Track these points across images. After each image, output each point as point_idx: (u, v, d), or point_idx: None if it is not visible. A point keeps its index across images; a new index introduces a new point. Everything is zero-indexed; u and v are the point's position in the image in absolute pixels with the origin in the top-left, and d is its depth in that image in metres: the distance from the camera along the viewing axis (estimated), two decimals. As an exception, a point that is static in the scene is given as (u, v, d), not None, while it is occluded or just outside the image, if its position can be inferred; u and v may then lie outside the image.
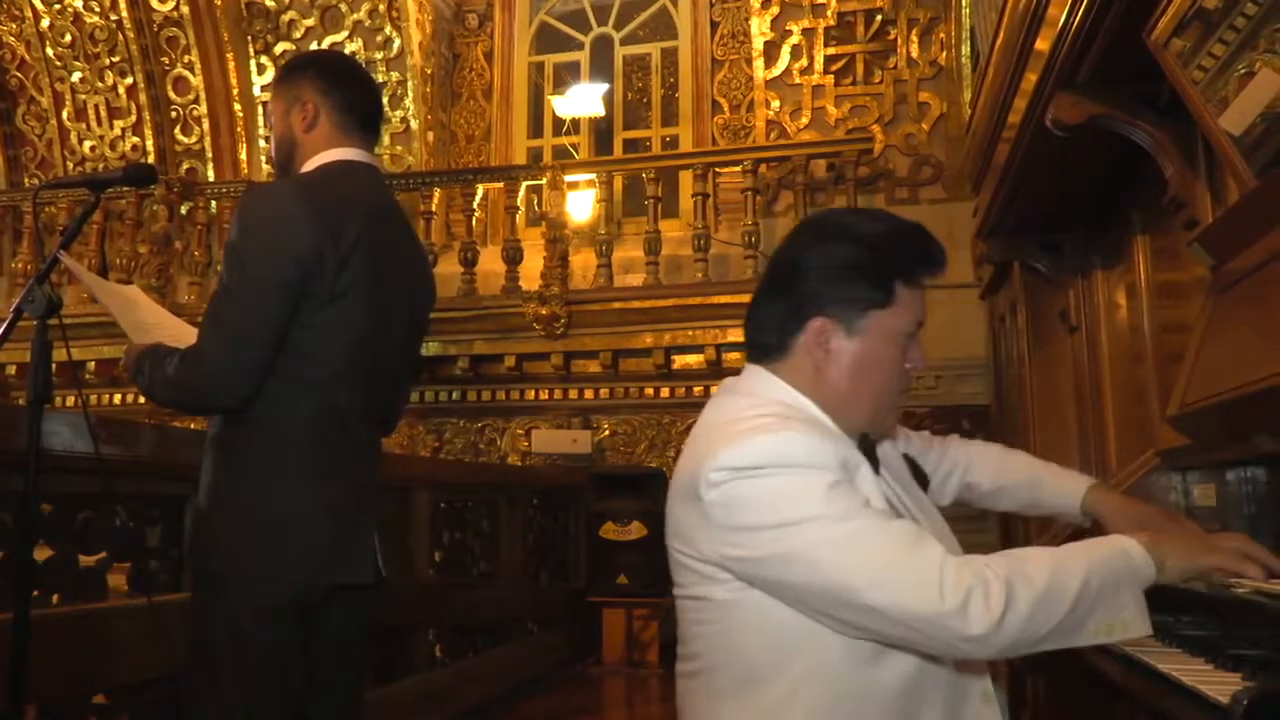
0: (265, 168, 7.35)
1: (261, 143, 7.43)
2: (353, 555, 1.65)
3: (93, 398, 6.75)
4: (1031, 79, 2.61)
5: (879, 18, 6.60)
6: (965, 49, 5.65)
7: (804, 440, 1.15)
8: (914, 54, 6.51)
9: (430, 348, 6.17)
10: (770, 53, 6.77)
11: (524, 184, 6.55)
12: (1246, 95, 1.60)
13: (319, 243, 1.60)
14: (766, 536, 1.12)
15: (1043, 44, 2.46)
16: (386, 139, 7.21)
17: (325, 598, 1.64)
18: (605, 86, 7.13)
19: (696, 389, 6.19)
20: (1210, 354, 1.65)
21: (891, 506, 1.23)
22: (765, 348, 1.32)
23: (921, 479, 1.44)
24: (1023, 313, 4.01)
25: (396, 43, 7.18)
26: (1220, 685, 0.97)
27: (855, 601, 1.07)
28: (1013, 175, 3.14)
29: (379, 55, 7.21)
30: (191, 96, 7.42)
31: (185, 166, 7.48)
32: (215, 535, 1.61)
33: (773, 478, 1.13)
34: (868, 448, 1.28)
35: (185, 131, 7.50)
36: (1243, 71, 1.60)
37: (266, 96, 7.40)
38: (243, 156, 7.45)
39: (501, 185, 6.61)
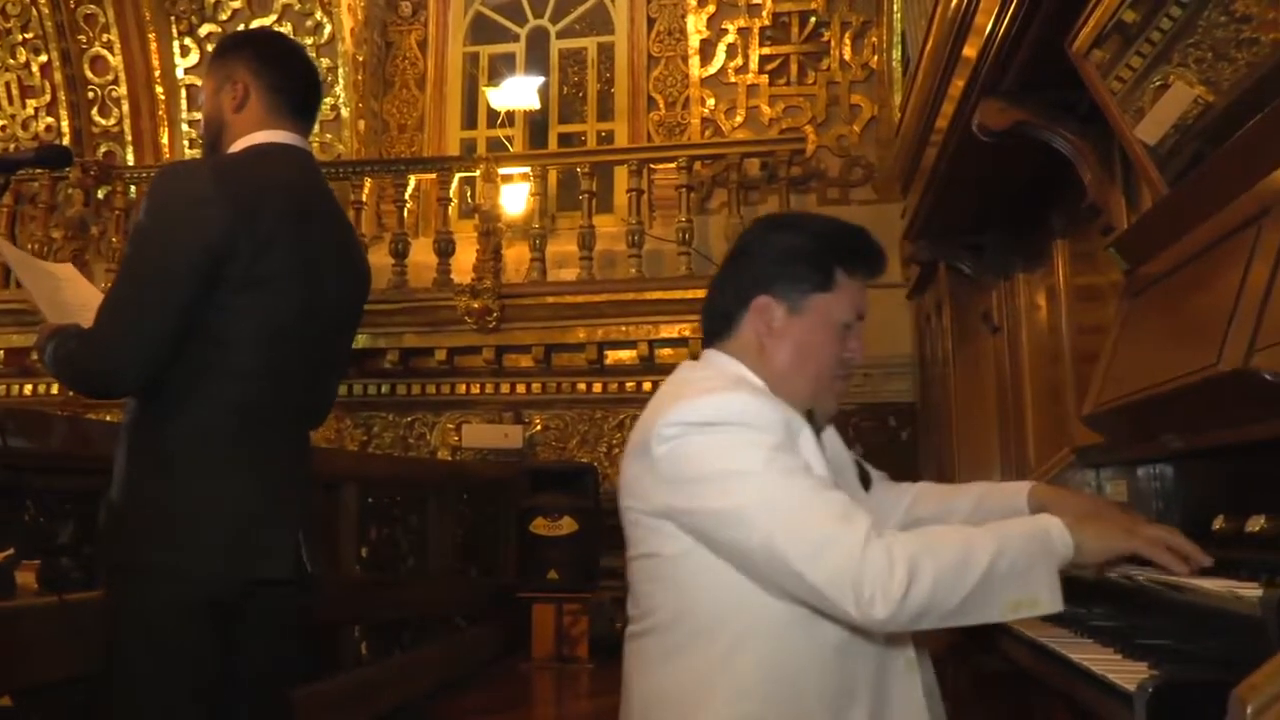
0: (189, 152, 7.13)
1: (184, 126, 7.21)
2: (272, 550, 1.61)
3: (1, 388, 6.49)
4: (959, 85, 2.67)
5: (813, 19, 6.68)
6: (896, 53, 5.76)
7: (753, 401, 1.22)
8: (847, 57, 6.61)
9: (359, 340, 6.00)
10: (706, 51, 6.81)
11: (457, 175, 6.48)
12: (1161, 106, 1.66)
13: (232, 226, 1.53)
14: (706, 489, 1.18)
15: (970, 51, 2.52)
16: (316, 127, 7.02)
17: (245, 595, 1.59)
18: (541, 79, 7.08)
19: (629, 384, 6.20)
20: (1123, 356, 1.71)
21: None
22: (716, 329, 1.39)
23: (865, 480, 1.48)
24: (947, 313, 4.11)
25: (327, 28, 7.03)
26: (1128, 674, 1.01)
27: (780, 563, 1.13)
28: (940, 178, 3.21)
29: (309, 40, 7.04)
30: (110, 77, 7.16)
31: (103, 149, 7.22)
32: (128, 530, 1.55)
33: (720, 434, 1.19)
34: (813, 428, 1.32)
35: (103, 113, 7.24)
36: (1158, 84, 1.66)
37: (191, 79, 7.18)
38: (164, 140, 7.22)
39: (434, 176, 6.52)
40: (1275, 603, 0.88)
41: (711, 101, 6.77)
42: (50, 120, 7.26)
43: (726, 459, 1.18)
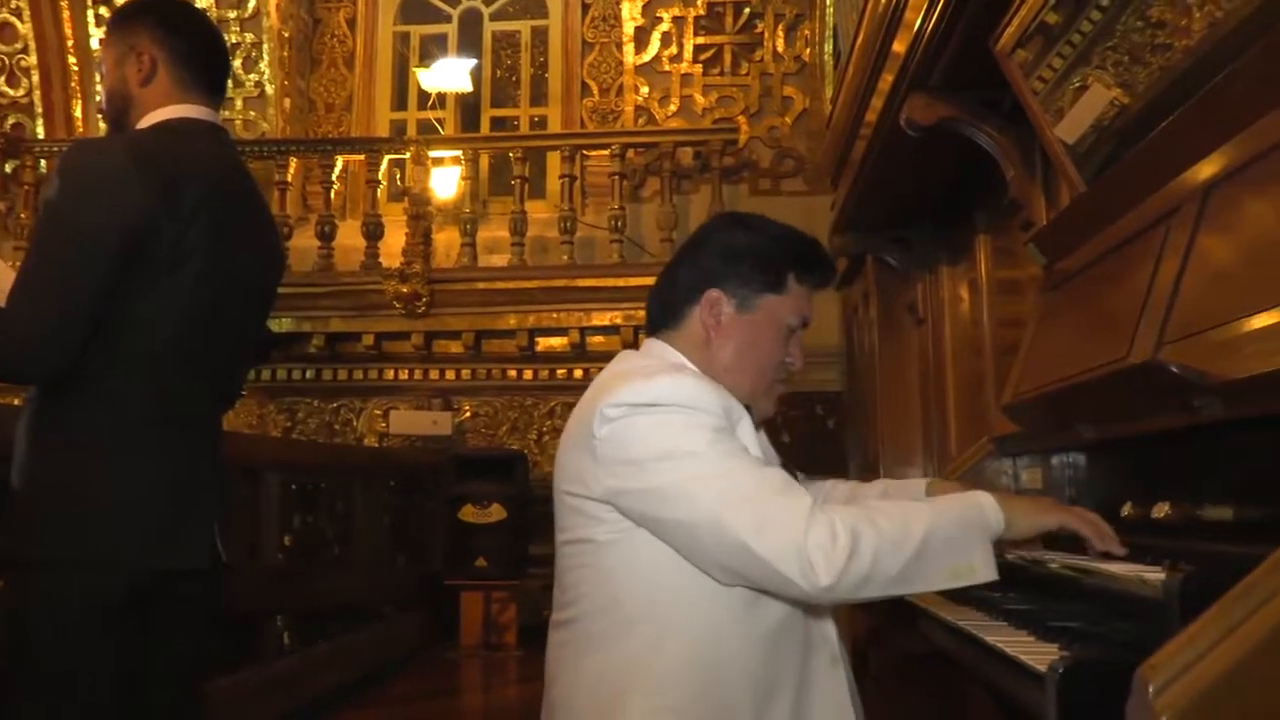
0: (103, 126, 6.86)
1: (99, 99, 6.92)
2: (187, 539, 1.55)
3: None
4: (888, 79, 2.71)
5: (747, 10, 6.72)
6: (828, 47, 5.82)
7: (695, 385, 1.25)
8: (780, 49, 6.67)
9: (284, 324, 5.93)
10: (640, 38, 6.79)
11: (386, 157, 6.36)
12: (1080, 107, 1.72)
13: (152, 207, 1.47)
14: (650, 469, 1.19)
15: (899, 46, 2.56)
16: (240, 103, 6.85)
17: (158, 586, 1.53)
18: (473, 62, 6.98)
19: (560, 371, 6.18)
20: (1040, 348, 1.77)
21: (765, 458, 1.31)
22: (663, 319, 1.41)
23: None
24: (874, 304, 4.19)
25: (252, 2, 6.82)
26: (1040, 655, 1.04)
27: (726, 536, 1.14)
28: (868, 171, 3.26)
29: (232, 15, 6.83)
30: (19, 45, 6.84)
31: (11, 121, 6.90)
32: (32, 520, 1.48)
33: (664, 414, 1.21)
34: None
35: (11, 83, 6.91)
36: (1077, 85, 1.71)
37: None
38: (77, 114, 6.93)
39: (363, 158, 6.39)
40: (1177, 587, 0.92)
41: (645, 89, 6.76)
42: (-47, 89, 6.92)
43: (670, 439, 1.20)
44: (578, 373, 6.12)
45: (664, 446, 1.20)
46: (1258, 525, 1.09)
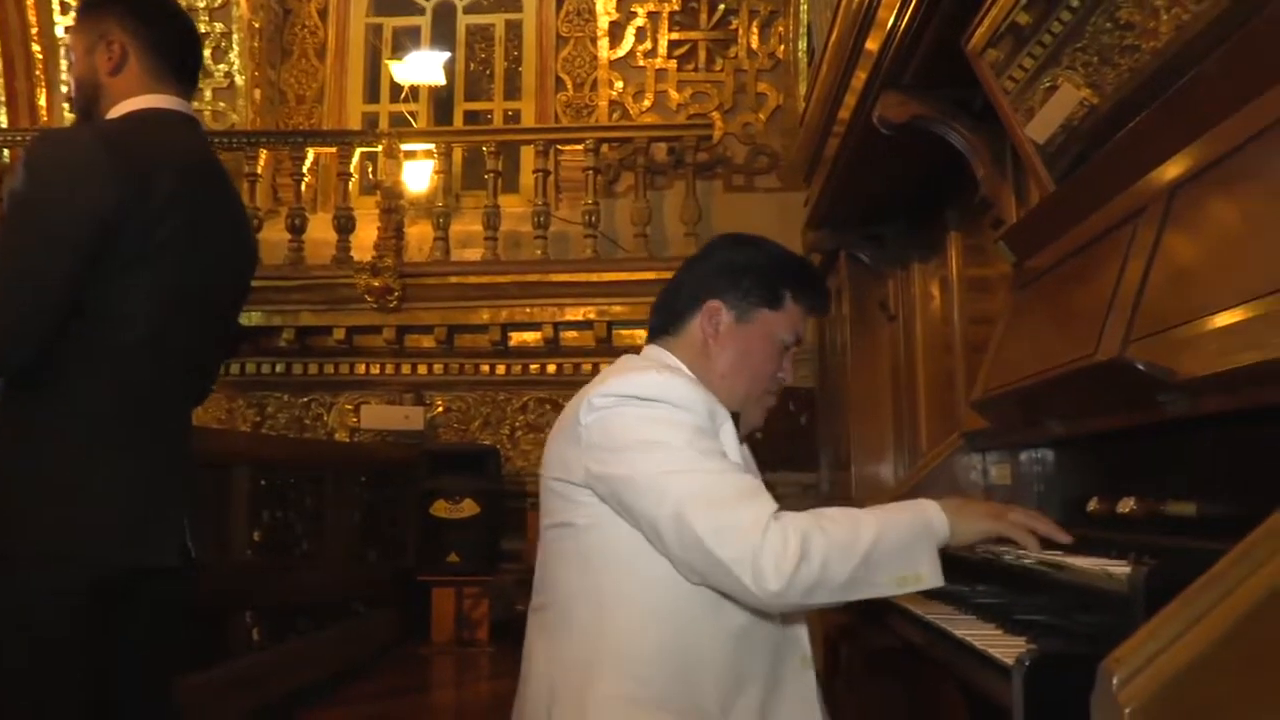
0: (69, 116, 6.75)
1: (64, 88, 6.80)
2: (157, 536, 1.53)
3: None
4: (861, 77, 2.73)
5: (722, 6, 6.72)
6: (802, 44, 5.84)
7: (683, 384, 1.30)
8: (754, 45, 6.68)
9: (253, 318, 5.87)
10: (615, 33, 6.78)
11: (358, 150, 6.31)
12: (1050, 107, 1.74)
13: (124, 198, 1.45)
14: (627, 457, 1.23)
15: (872, 44, 2.57)
16: (209, 94, 6.76)
17: (128, 583, 1.51)
18: (446, 55, 6.93)
19: (533, 367, 6.16)
20: (1009, 345, 1.79)
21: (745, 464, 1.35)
22: (664, 325, 1.47)
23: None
24: (847, 301, 4.21)
25: (221, -9, 6.74)
26: (1007, 648, 1.06)
27: (686, 534, 1.17)
28: (841, 168, 3.28)
29: (201, 4, 6.74)
30: (-19, 32, 6.71)
31: (-27, 110, 6.77)
32: (2, 517, 1.46)
33: (649, 408, 1.26)
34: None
35: (-27, 71, 6.78)
36: (1048, 85, 1.73)
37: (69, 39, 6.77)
38: (42, 102, 6.81)
39: (334, 150, 6.33)
40: (1141, 581, 0.93)
41: (620, 84, 6.75)
42: (-87, 76, 6.78)
43: (650, 431, 1.24)
44: (550, 368, 6.11)
45: (644, 437, 1.24)
46: (1220, 520, 1.11)
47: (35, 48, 6.76)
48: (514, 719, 1.36)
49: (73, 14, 6.67)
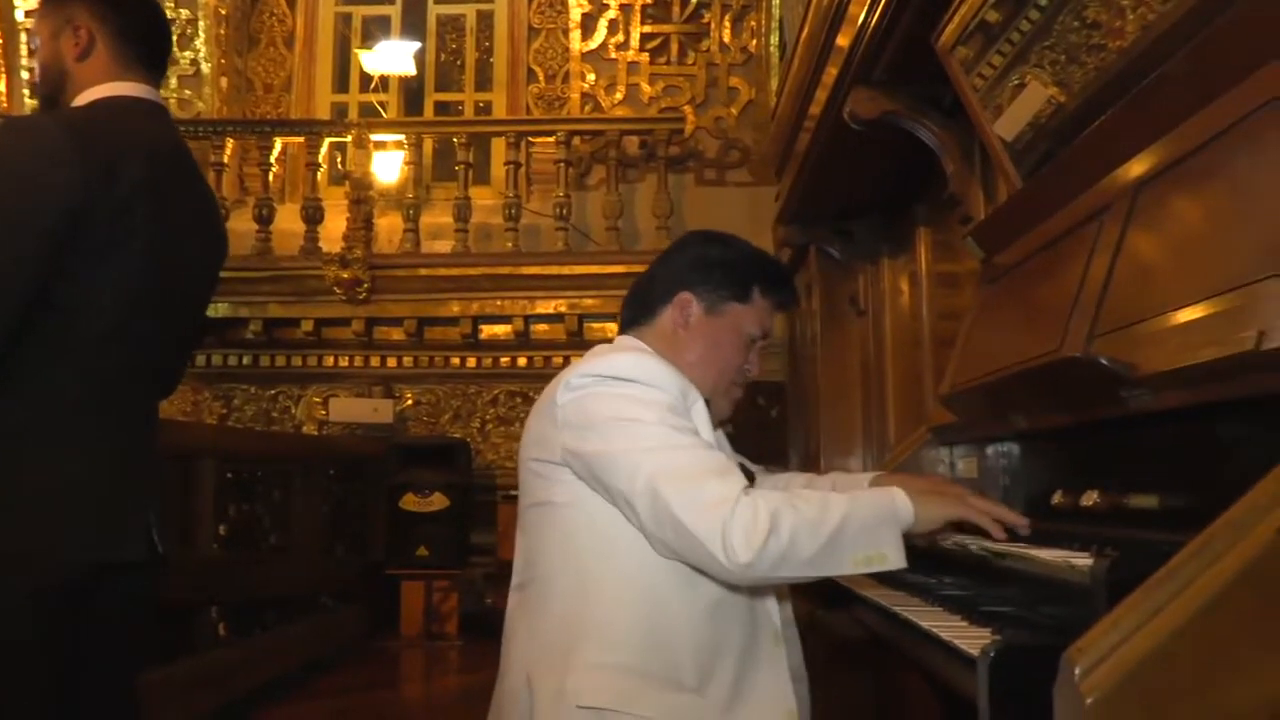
0: (29, 102, 6.61)
1: (24, 74, 6.67)
2: (124, 531, 1.51)
3: None
4: (832, 73, 2.74)
5: (694, 0, 6.72)
6: (774, 38, 5.85)
7: (656, 364, 1.35)
8: (726, 39, 6.68)
9: (219, 309, 5.79)
10: (587, 25, 6.76)
11: (327, 140, 6.25)
12: (1018, 105, 1.75)
13: (89, 187, 1.42)
14: (602, 432, 1.27)
15: (843, 40, 2.59)
16: (174, 81, 6.65)
17: (94, 580, 1.49)
18: (417, 45, 6.87)
19: (504, 360, 6.14)
20: (977, 340, 1.81)
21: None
22: (636, 316, 1.51)
23: (750, 478, 1.54)
24: (817, 295, 4.23)
25: (187, -23, 6.63)
26: (973, 639, 1.07)
27: (659, 508, 1.20)
28: (812, 163, 3.29)
29: (166, -11, 6.64)
30: (-62, 15, 6.56)
31: (-71, 95, 6.62)
32: None
33: (622, 387, 1.30)
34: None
35: (-71, 55, 6.63)
36: (1016, 82, 1.75)
37: (30, 23, 6.64)
38: (1, 89, 6.67)
39: (302, 140, 6.26)
40: (1103, 572, 0.94)
41: (592, 77, 6.73)
42: None
43: (625, 409, 1.28)
44: (521, 360, 6.09)
45: (618, 414, 1.28)
46: (1181, 513, 1.13)
47: (-6, 32, 6.62)
48: (492, 709, 1.37)
49: (33, 1, 6.54)
